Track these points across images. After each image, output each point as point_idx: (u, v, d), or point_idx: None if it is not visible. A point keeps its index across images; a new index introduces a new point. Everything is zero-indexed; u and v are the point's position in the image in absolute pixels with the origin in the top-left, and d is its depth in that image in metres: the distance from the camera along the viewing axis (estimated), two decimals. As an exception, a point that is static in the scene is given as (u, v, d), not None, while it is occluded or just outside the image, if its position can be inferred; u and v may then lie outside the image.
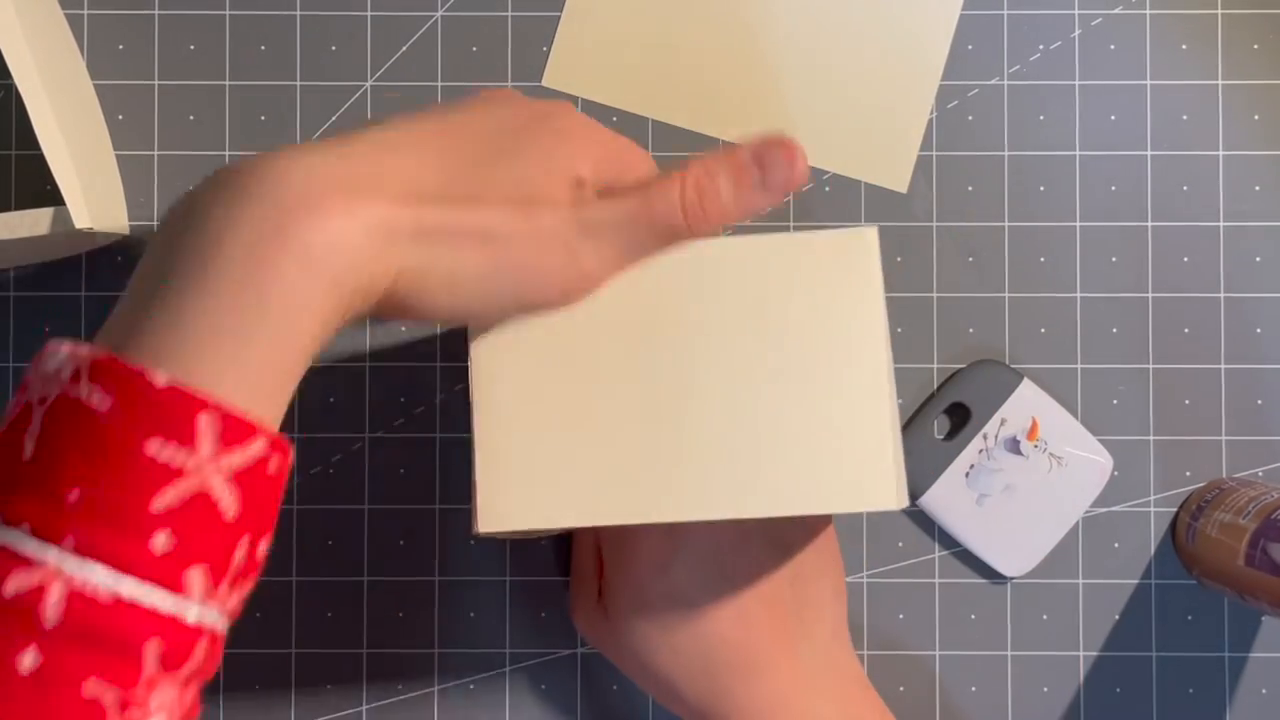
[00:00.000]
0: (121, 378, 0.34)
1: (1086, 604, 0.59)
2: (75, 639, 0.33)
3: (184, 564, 0.34)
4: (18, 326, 0.59)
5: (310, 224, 0.36)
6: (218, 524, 0.35)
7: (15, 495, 0.34)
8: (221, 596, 0.36)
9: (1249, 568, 0.52)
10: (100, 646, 0.33)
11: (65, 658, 0.33)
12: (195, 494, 0.34)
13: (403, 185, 0.38)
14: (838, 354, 0.44)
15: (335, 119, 0.59)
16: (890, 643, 0.59)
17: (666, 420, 0.44)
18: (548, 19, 0.60)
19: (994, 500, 0.58)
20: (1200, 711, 0.59)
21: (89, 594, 0.33)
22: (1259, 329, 0.59)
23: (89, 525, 0.33)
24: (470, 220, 0.39)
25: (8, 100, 0.60)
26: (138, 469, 0.34)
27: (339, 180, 0.37)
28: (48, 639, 0.33)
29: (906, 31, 0.59)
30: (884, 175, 0.59)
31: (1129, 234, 0.59)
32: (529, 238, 0.40)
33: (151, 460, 0.34)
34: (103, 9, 0.59)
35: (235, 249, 0.36)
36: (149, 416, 0.34)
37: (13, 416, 0.35)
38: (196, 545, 0.35)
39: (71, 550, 0.33)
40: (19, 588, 0.33)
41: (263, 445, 0.36)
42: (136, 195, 0.59)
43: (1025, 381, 0.58)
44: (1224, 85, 0.59)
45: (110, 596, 0.33)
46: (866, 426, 0.44)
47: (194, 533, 0.34)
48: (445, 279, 0.39)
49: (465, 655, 0.59)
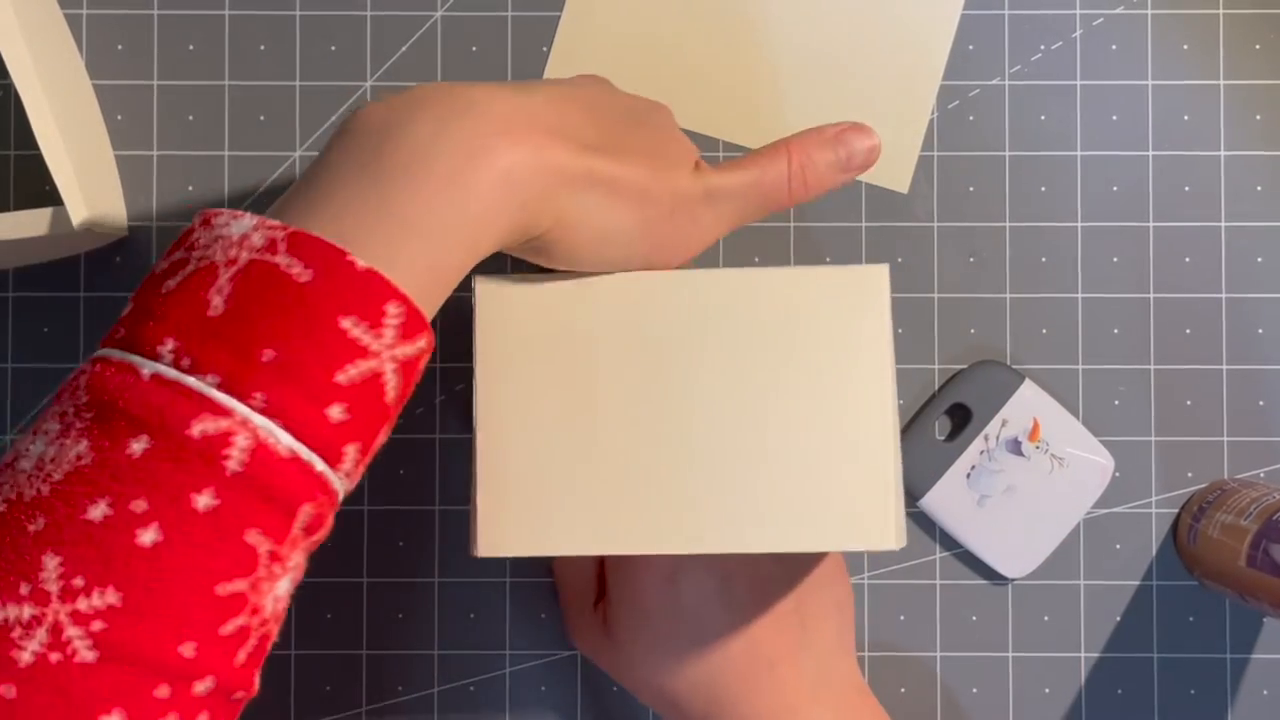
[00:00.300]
0: (323, 254, 0.36)
1: (1088, 605, 0.59)
2: (250, 489, 0.35)
3: (347, 438, 0.37)
4: (17, 326, 0.59)
5: (512, 151, 0.39)
6: (379, 406, 0.37)
7: (205, 346, 0.35)
8: (355, 474, 0.38)
9: (1251, 569, 0.52)
10: (269, 500, 0.35)
11: (238, 504, 0.35)
12: (372, 374, 0.36)
13: (577, 136, 0.41)
14: (844, 391, 0.44)
15: (335, 119, 0.59)
16: (891, 644, 0.59)
17: (671, 451, 0.44)
18: (548, 19, 0.59)
19: (995, 501, 0.58)
20: (1202, 713, 0.59)
21: (270, 448, 0.35)
22: (1260, 329, 0.59)
23: (279, 385, 0.35)
24: (627, 174, 0.42)
25: (6, 100, 0.60)
26: (329, 341, 0.36)
27: (534, 118, 0.40)
28: (226, 484, 0.35)
29: (907, 31, 0.59)
30: (885, 175, 0.59)
31: (1130, 234, 0.59)
32: (668, 196, 0.43)
33: (343, 334, 0.36)
34: (101, 9, 0.59)
35: (442, 160, 0.38)
36: (346, 294, 0.36)
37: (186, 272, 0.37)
38: (359, 422, 0.37)
39: (260, 406, 0.35)
40: (206, 431, 0.35)
41: (425, 342, 0.38)
42: (135, 195, 0.59)
43: (1026, 382, 0.58)
44: (1225, 85, 0.59)
45: (288, 454, 0.35)
46: (869, 465, 0.44)
47: (362, 410, 0.37)
48: (598, 231, 0.42)
49: (465, 656, 0.59)
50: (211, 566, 0.35)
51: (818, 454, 0.44)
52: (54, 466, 0.35)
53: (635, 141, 0.43)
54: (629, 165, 0.42)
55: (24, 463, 0.36)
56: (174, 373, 0.35)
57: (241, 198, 0.59)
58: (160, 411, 0.35)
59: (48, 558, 0.34)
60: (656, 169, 0.43)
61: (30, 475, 0.35)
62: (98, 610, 0.34)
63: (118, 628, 0.34)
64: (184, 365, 0.35)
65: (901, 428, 0.59)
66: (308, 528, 0.37)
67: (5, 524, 0.35)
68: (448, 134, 0.38)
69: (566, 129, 0.41)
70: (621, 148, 0.43)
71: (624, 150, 0.43)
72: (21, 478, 0.35)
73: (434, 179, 0.38)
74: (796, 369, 0.44)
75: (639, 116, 0.45)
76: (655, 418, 0.44)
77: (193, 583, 0.35)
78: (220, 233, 0.37)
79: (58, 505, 0.35)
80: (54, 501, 0.35)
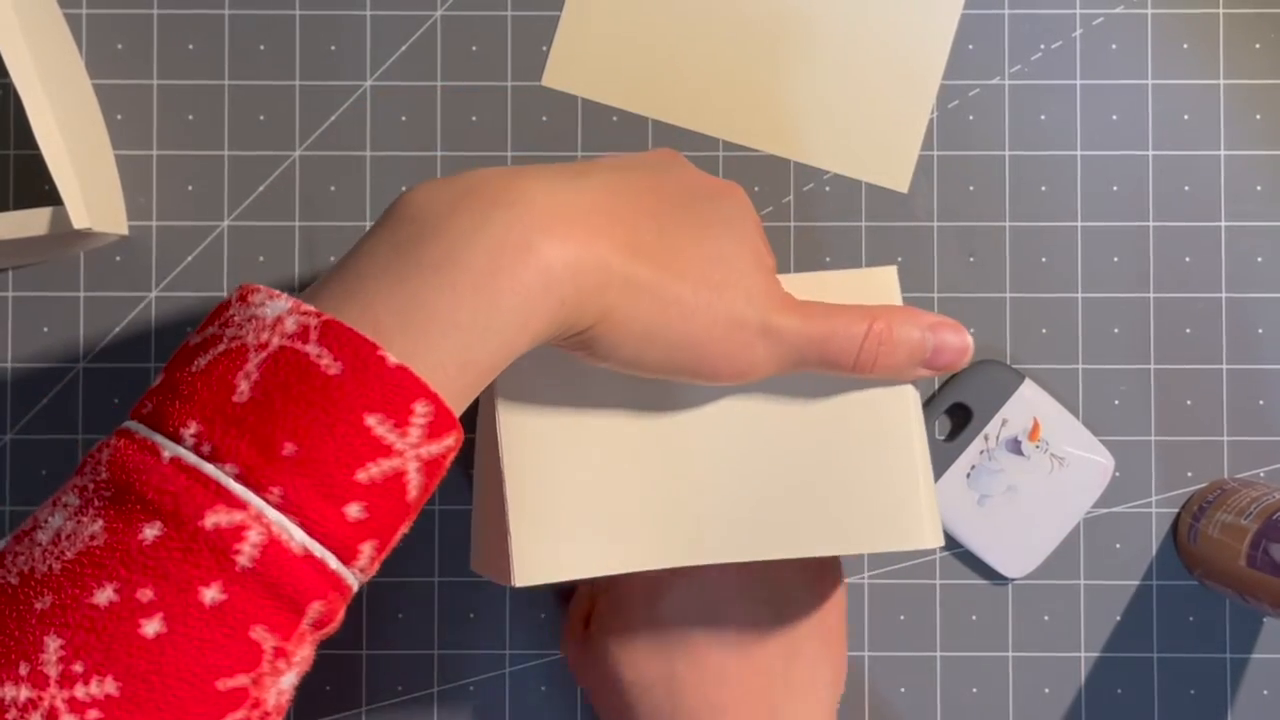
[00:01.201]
0: (354, 347, 0.35)
1: (1088, 605, 0.59)
2: (259, 585, 0.35)
3: (364, 536, 0.36)
4: (17, 326, 0.59)
5: (553, 245, 0.38)
6: (400, 505, 0.36)
7: (228, 434, 0.35)
8: (373, 569, 0.37)
9: (1251, 569, 0.52)
10: (277, 597, 0.35)
11: (245, 600, 0.35)
12: (394, 473, 0.36)
13: (626, 235, 0.40)
14: (865, 392, 0.44)
15: (335, 118, 0.59)
16: (891, 644, 0.59)
17: (695, 466, 0.44)
18: (548, 19, 0.59)
19: (995, 501, 0.58)
20: (1202, 713, 0.59)
21: (283, 545, 0.35)
22: (1260, 329, 0.59)
23: (297, 480, 0.35)
24: (675, 289, 0.40)
25: (6, 100, 0.59)
26: (353, 438, 0.35)
27: (580, 212, 0.39)
28: (234, 579, 0.34)
29: (907, 31, 0.59)
30: (885, 175, 0.59)
31: (1130, 234, 0.59)
32: (719, 322, 0.41)
33: (367, 432, 0.35)
34: (101, 8, 0.59)
35: (480, 253, 0.37)
36: (374, 390, 0.35)
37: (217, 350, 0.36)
38: (378, 521, 0.36)
39: (277, 501, 0.35)
40: (219, 523, 0.34)
41: (453, 440, 0.37)
42: (135, 195, 0.59)
43: (1026, 382, 0.58)
44: (1225, 85, 0.59)
45: (301, 552, 0.35)
46: (898, 463, 0.44)
47: (381, 509, 0.36)
48: (640, 334, 0.40)
49: (465, 656, 0.59)
50: (213, 662, 0.35)
51: (845, 456, 0.44)
52: (68, 544, 0.35)
53: (697, 245, 0.42)
54: (681, 277, 0.40)
55: (41, 535, 0.36)
56: (193, 458, 0.35)
57: (241, 198, 0.59)
58: (176, 498, 0.34)
59: (50, 639, 0.34)
60: (714, 286, 0.41)
61: (45, 550, 0.35)
62: (95, 699, 0.34)
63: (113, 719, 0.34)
64: (204, 451, 0.35)
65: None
66: (316, 623, 0.36)
67: (14, 599, 0.35)
68: (487, 229, 0.38)
69: (618, 225, 0.40)
70: (678, 251, 0.41)
71: (681, 254, 0.41)
72: (37, 552, 0.35)
73: (469, 275, 0.37)
74: (816, 374, 0.44)
75: (708, 210, 0.43)
76: (676, 434, 0.44)
77: (193, 677, 0.34)
78: (255, 312, 0.37)
79: (66, 585, 0.34)
80: (63, 580, 0.34)
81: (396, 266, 0.37)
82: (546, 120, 0.59)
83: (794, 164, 0.59)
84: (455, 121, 0.59)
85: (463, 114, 0.59)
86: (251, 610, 0.35)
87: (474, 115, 0.59)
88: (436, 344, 0.37)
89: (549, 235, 0.38)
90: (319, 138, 0.59)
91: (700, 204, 0.43)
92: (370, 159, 0.59)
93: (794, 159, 0.59)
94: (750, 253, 0.43)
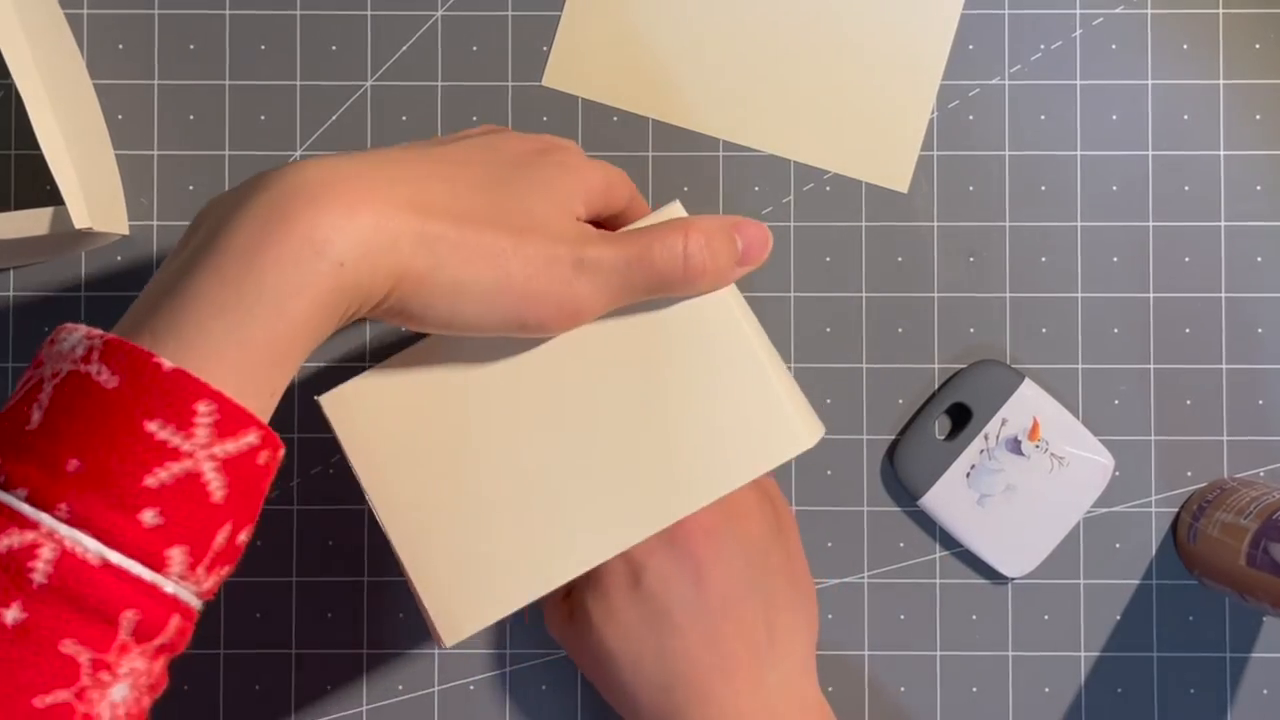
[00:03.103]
0: (130, 358, 0.36)
1: (1088, 604, 0.59)
2: (59, 600, 0.35)
3: (168, 542, 0.36)
4: (17, 326, 0.59)
5: (314, 213, 0.38)
6: (204, 507, 0.36)
7: (18, 460, 0.36)
8: (198, 577, 0.37)
9: (1250, 568, 0.52)
10: (81, 610, 0.35)
11: (48, 616, 0.35)
12: (186, 475, 0.36)
13: (410, 195, 0.40)
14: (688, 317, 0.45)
15: (335, 118, 0.59)
16: (891, 643, 0.59)
17: (572, 467, 0.44)
18: (548, 19, 0.60)
19: (995, 500, 0.58)
20: (1201, 712, 0.59)
21: (78, 558, 0.35)
22: (1260, 329, 0.59)
23: (83, 494, 0.35)
24: (475, 237, 0.40)
25: (7, 100, 0.60)
26: (136, 446, 0.35)
27: (350, 180, 0.39)
28: (33, 597, 0.35)
29: (907, 31, 0.59)
30: (885, 175, 0.59)
31: (1130, 234, 0.59)
32: (530, 261, 0.41)
33: (150, 438, 0.36)
34: (102, 8, 0.59)
35: (240, 234, 0.38)
36: (152, 397, 0.36)
37: (25, 389, 0.37)
38: (181, 525, 0.36)
39: (65, 517, 0.35)
40: (12, 545, 0.35)
41: (255, 437, 0.37)
42: (136, 195, 0.59)
43: (1026, 381, 0.58)
44: (1225, 85, 0.59)
45: (98, 562, 0.35)
46: (748, 377, 0.45)
47: (181, 513, 0.36)
48: (449, 287, 0.40)
49: (465, 655, 0.59)
50: (26, 680, 0.35)
51: (696, 390, 0.45)
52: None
53: (497, 203, 0.42)
54: (480, 228, 0.41)
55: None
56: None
57: (242, 197, 0.59)
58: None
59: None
60: (518, 231, 0.41)
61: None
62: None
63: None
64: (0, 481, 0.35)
65: (901, 427, 0.59)
66: (138, 633, 0.36)
67: None
68: (249, 210, 0.38)
69: (396, 189, 0.40)
70: (475, 207, 0.41)
71: (477, 209, 0.41)
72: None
73: (232, 257, 0.37)
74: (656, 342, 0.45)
75: (510, 175, 0.43)
76: (544, 443, 0.44)
77: (6, 698, 0.34)
78: (59, 348, 0.37)
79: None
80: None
81: (178, 271, 0.38)
82: (546, 120, 0.59)
83: (794, 164, 0.59)
84: (456, 121, 0.59)
85: (463, 114, 0.59)
86: (57, 625, 0.35)
87: (474, 115, 0.59)
88: (207, 328, 0.37)
89: (313, 204, 0.38)
90: (320, 138, 0.59)
91: (504, 169, 0.43)
92: (371, 159, 0.59)
93: (794, 159, 0.59)
94: (559, 207, 0.43)
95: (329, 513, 0.59)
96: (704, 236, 0.44)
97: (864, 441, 0.59)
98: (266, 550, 0.59)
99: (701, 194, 0.59)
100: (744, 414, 0.45)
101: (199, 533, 0.37)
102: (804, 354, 0.59)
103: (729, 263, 0.45)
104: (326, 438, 0.59)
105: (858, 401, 0.59)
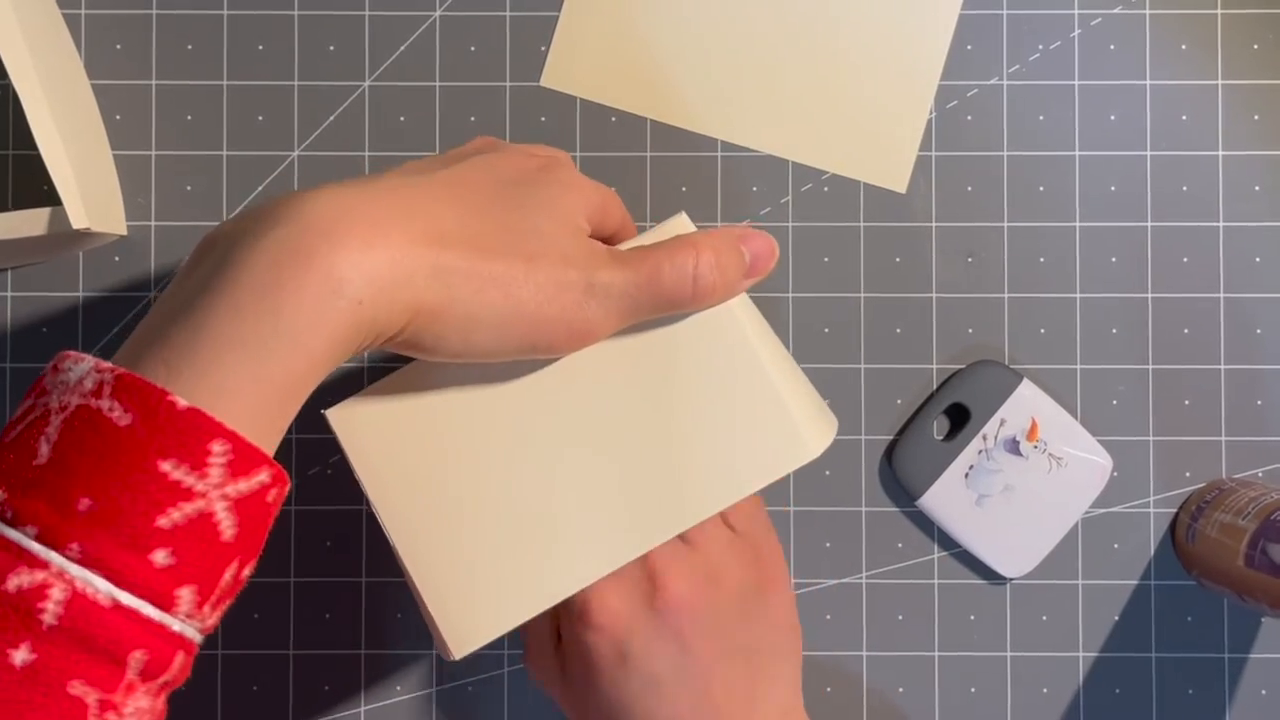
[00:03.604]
0: (143, 395, 0.35)
1: (1086, 605, 0.59)
2: (69, 641, 0.34)
3: (178, 582, 0.36)
4: (16, 326, 0.59)
5: (331, 249, 0.38)
6: (215, 546, 0.36)
7: (27, 496, 0.35)
8: (204, 614, 0.37)
9: (1249, 568, 0.52)
10: (90, 650, 0.35)
11: (57, 657, 0.34)
12: (199, 515, 0.36)
13: (424, 227, 0.40)
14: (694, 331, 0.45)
15: (333, 119, 0.59)
16: (889, 643, 0.59)
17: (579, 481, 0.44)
18: (547, 19, 0.59)
19: (993, 501, 0.58)
20: (1200, 712, 0.59)
21: (89, 599, 0.34)
22: (1259, 329, 0.59)
23: (95, 534, 0.35)
24: (487, 267, 0.40)
25: (5, 100, 0.59)
26: (149, 485, 0.35)
27: (364, 214, 0.39)
28: (43, 638, 0.34)
29: (906, 31, 0.59)
30: (883, 175, 0.59)
31: (1128, 234, 0.59)
32: (541, 288, 0.41)
33: (163, 478, 0.35)
34: (100, 9, 0.59)
35: (258, 269, 0.37)
36: (166, 436, 0.35)
37: (28, 419, 0.36)
38: (192, 565, 0.36)
39: (76, 557, 0.34)
40: (21, 585, 0.34)
41: (266, 475, 0.37)
42: (134, 195, 0.59)
43: (1025, 382, 0.58)
44: (1223, 85, 0.59)
45: (109, 603, 0.35)
46: (755, 386, 0.45)
47: (192, 553, 0.36)
48: (462, 320, 0.40)
49: (464, 656, 0.59)
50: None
51: (712, 415, 0.44)
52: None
53: (506, 227, 0.41)
54: (491, 257, 0.40)
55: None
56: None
57: (240, 198, 0.59)
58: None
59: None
60: (528, 258, 0.41)
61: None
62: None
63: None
64: (7, 517, 0.35)
65: (900, 428, 0.59)
66: (145, 673, 0.36)
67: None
68: (267, 245, 0.37)
69: (413, 219, 0.39)
70: (484, 234, 0.41)
71: (487, 236, 0.41)
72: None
73: (250, 292, 0.37)
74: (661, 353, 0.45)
75: (519, 192, 0.43)
76: (551, 455, 0.44)
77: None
78: (63, 377, 0.37)
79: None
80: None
81: (182, 302, 0.37)
82: (545, 120, 0.59)
83: (793, 164, 0.59)
84: (454, 121, 0.59)
85: (461, 114, 0.59)
86: (66, 667, 0.34)
87: (473, 115, 0.59)
88: (224, 362, 0.36)
89: (330, 240, 0.38)
90: (318, 138, 0.59)
91: (509, 188, 0.43)
92: (369, 159, 0.59)
93: (792, 159, 0.59)
94: (566, 225, 0.43)
95: (327, 513, 0.59)
96: (714, 255, 0.44)
97: (862, 442, 0.59)
98: (265, 551, 0.59)
99: (700, 194, 0.59)
100: (749, 424, 0.44)
101: (208, 571, 0.36)
102: (802, 354, 0.59)
103: (737, 277, 0.45)
104: (325, 439, 0.59)
105: (856, 402, 0.59)
